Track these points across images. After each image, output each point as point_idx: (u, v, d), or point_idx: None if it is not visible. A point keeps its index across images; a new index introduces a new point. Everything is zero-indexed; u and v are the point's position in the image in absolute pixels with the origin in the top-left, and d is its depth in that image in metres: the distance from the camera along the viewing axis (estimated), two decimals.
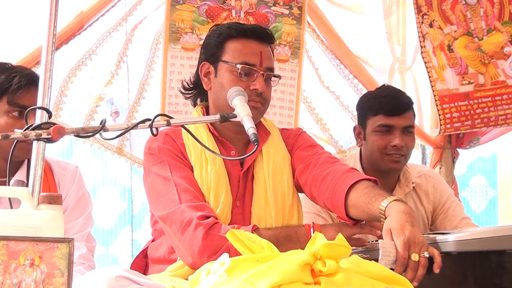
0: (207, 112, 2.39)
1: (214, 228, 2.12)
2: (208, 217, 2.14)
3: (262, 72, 2.29)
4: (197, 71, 2.42)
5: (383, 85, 3.28)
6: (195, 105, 2.48)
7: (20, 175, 2.51)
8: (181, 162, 2.27)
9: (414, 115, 3.08)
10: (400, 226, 1.89)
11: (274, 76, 2.35)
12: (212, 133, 2.33)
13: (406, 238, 1.86)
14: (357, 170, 2.28)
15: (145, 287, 1.92)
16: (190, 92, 2.47)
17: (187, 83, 2.47)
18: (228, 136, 2.34)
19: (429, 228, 3.12)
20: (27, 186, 2.42)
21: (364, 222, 2.20)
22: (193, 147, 2.29)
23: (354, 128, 3.14)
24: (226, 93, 2.22)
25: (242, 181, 2.32)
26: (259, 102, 2.28)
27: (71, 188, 2.61)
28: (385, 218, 1.97)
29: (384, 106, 2.97)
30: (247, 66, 2.28)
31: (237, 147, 2.35)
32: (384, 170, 3.00)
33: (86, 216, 2.60)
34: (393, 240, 1.87)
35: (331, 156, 2.40)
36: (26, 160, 2.53)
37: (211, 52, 2.36)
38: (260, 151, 2.35)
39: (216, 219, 2.17)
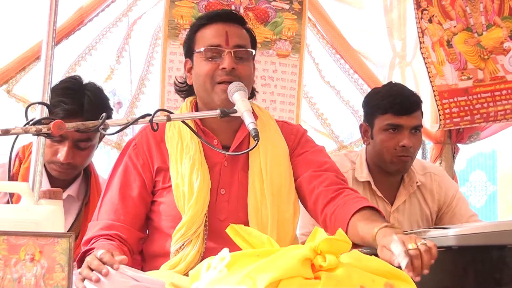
0: (196, 105, 2.40)
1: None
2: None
3: (228, 50, 2.28)
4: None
5: (391, 83, 3.20)
6: None
7: (72, 190, 2.63)
8: (133, 172, 2.30)
9: (422, 113, 3.02)
10: (389, 237, 1.92)
11: (246, 50, 2.31)
12: (195, 122, 2.33)
13: (397, 237, 1.88)
14: (365, 198, 2.27)
15: (145, 283, 1.93)
16: (182, 90, 2.47)
17: (177, 81, 2.48)
18: (211, 125, 2.33)
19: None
20: (78, 201, 2.62)
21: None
22: (170, 139, 2.31)
23: (360, 126, 3.07)
24: (201, 81, 2.27)
25: (227, 169, 2.30)
26: (229, 82, 2.24)
27: None
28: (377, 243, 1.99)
29: (393, 105, 2.90)
30: (211, 47, 2.28)
31: (220, 136, 2.33)
32: (391, 170, 2.95)
33: None
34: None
35: (338, 173, 2.38)
36: (81, 177, 2.66)
37: (187, 47, 2.39)
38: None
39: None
